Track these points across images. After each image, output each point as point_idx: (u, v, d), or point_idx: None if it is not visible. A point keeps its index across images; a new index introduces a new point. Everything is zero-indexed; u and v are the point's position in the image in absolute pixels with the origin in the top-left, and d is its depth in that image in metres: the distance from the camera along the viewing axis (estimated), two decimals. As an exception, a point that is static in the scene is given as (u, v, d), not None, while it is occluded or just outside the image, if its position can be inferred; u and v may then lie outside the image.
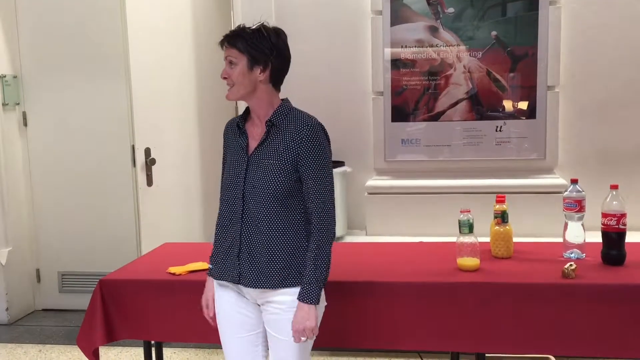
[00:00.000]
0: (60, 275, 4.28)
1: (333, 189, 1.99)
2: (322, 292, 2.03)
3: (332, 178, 1.99)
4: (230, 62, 1.95)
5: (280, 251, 1.95)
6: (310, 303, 1.91)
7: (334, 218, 1.98)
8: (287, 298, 1.95)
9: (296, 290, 1.94)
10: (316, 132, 1.94)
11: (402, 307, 2.26)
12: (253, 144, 2.00)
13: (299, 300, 1.92)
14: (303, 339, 1.92)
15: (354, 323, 2.29)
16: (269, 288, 1.96)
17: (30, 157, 4.24)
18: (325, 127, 2.00)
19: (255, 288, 1.97)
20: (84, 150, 4.12)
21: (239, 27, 1.98)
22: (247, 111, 2.07)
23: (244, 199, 1.97)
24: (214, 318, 2.13)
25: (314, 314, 1.91)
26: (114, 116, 4.03)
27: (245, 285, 1.99)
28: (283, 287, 1.95)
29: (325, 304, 2.05)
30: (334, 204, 1.98)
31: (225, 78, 1.97)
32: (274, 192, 1.93)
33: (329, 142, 2.01)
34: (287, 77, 2.04)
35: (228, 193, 2.02)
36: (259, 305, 2.03)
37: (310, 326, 1.91)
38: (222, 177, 2.14)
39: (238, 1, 3.90)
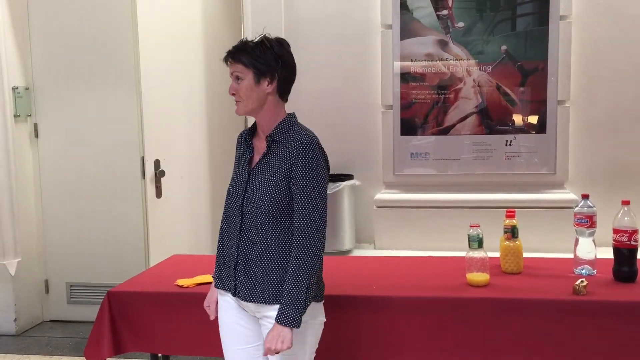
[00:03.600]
0: (69, 286, 4.28)
1: (323, 209, 1.90)
2: (322, 308, 2.02)
3: (323, 197, 1.91)
4: (237, 78, 1.95)
5: (274, 267, 1.94)
6: (286, 326, 1.85)
7: (320, 238, 1.89)
8: None
9: None
10: (309, 149, 1.89)
11: (411, 322, 2.24)
12: (256, 158, 2.01)
13: (276, 321, 1.86)
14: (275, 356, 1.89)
15: (360, 337, 2.27)
16: (264, 303, 1.95)
17: (40, 169, 4.26)
18: (334, 140, 2.01)
19: (250, 302, 1.97)
20: (94, 161, 4.14)
21: (241, 41, 1.98)
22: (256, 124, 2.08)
23: (242, 212, 1.98)
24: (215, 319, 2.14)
25: (289, 337, 1.84)
26: (124, 128, 4.05)
27: (241, 299, 1.99)
28: (278, 303, 1.91)
29: (324, 319, 2.03)
30: (322, 223, 1.89)
31: (233, 94, 1.97)
32: (267, 208, 1.92)
33: (326, 160, 1.97)
34: (296, 90, 2.05)
35: (230, 205, 2.05)
36: (258, 318, 2.03)
37: (283, 348, 1.84)
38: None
39: (248, 14, 3.92)
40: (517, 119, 3.71)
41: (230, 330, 2.07)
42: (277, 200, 1.92)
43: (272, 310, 1.93)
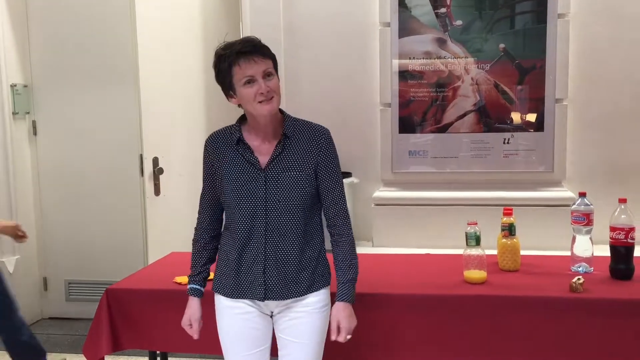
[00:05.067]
0: (67, 283, 4.29)
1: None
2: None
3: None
4: (269, 74, 1.92)
5: (308, 259, 1.99)
6: (351, 302, 1.99)
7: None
8: (313, 299, 2.00)
9: (322, 292, 2.00)
10: (331, 139, 2.03)
11: (408, 319, 2.25)
12: (264, 159, 1.97)
13: (342, 300, 1.97)
14: (349, 336, 1.99)
15: (358, 335, 2.27)
16: (298, 296, 1.99)
17: (39, 166, 4.26)
18: (333, 138, 2.06)
19: (284, 299, 1.99)
20: (93, 159, 4.14)
21: (254, 38, 1.96)
22: (239, 126, 2.03)
23: (266, 215, 1.95)
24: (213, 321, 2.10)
25: (354, 313, 2.01)
26: (122, 125, 4.05)
27: (274, 299, 1.98)
28: (310, 292, 2.00)
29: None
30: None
31: (268, 91, 1.90)
32: (301, 203, 1.96)
33: None
34: (294, 87, 2.06)
35: (243, 211, 1.96)
36: (271, 316, 2.03)
37: (355, 324, 2.00)
38: (204, 194, 2.17)
39: (247, 13, 3.92)
40: (515, 117, 3.71)
41: (240, 337, 2.02)
42: (310, 193, 1.97)
43: (303, 299, 1.99)
